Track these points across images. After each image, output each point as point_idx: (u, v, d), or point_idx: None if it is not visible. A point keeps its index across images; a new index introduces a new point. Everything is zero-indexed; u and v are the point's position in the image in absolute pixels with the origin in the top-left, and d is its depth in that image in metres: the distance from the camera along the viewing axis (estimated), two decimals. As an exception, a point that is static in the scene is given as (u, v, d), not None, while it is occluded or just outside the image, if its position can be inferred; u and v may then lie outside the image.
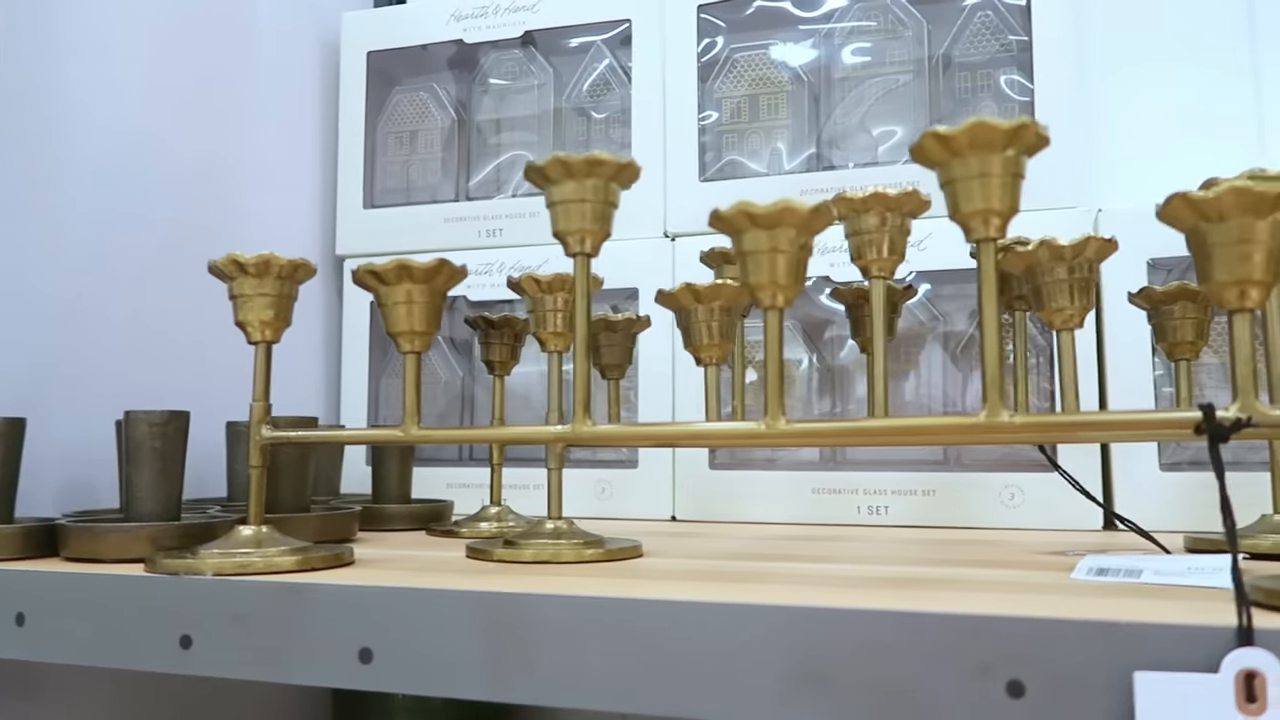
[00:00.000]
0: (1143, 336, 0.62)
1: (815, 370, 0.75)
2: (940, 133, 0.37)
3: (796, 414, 0.75)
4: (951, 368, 0.73)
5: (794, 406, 0.75)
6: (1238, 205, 0.34)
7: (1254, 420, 0.35)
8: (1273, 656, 0.29)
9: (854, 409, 0.74)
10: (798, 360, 0.75)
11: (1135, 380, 0.64)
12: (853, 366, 0.76)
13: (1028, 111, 0.69)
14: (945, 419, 0.40)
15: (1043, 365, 0.68)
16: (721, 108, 0.76)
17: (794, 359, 0.75)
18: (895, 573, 0.43)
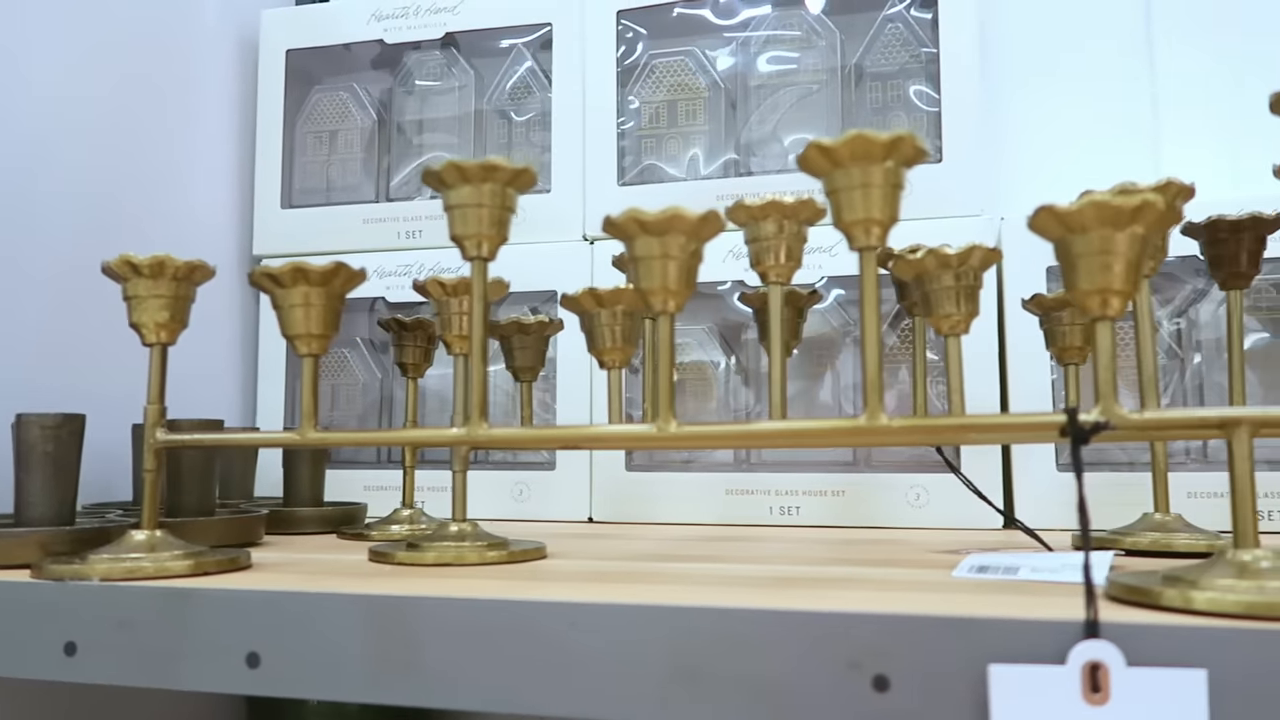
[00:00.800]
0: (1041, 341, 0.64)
1: (732, 372, 0.76)
2: (822, 144, 0.39)
3: (713, 416, 0.76)
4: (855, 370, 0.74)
5: (712, 409, 0.77)
6: (1098, 218, 0.36)
7: (1112, 424, 0.36)
8: (1115, 648, 0.30)
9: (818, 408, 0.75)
10: (715, 363, 0.76)
11: (1035, 383, 0.67)
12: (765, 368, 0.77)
13: (935, 122, 0.71)
14: (826, 422, 0.41)
15: (948, 369, 0.70)
16: (641, 113, 0.77)
17: (711, 361, 0.76)
18: (786, 572, 0.44)
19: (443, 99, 0.82)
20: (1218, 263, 0.53)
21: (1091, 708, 0.30)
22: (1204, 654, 0.30)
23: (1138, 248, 0.36)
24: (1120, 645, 0.31)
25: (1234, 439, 0.36)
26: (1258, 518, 0.36)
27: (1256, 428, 0.36)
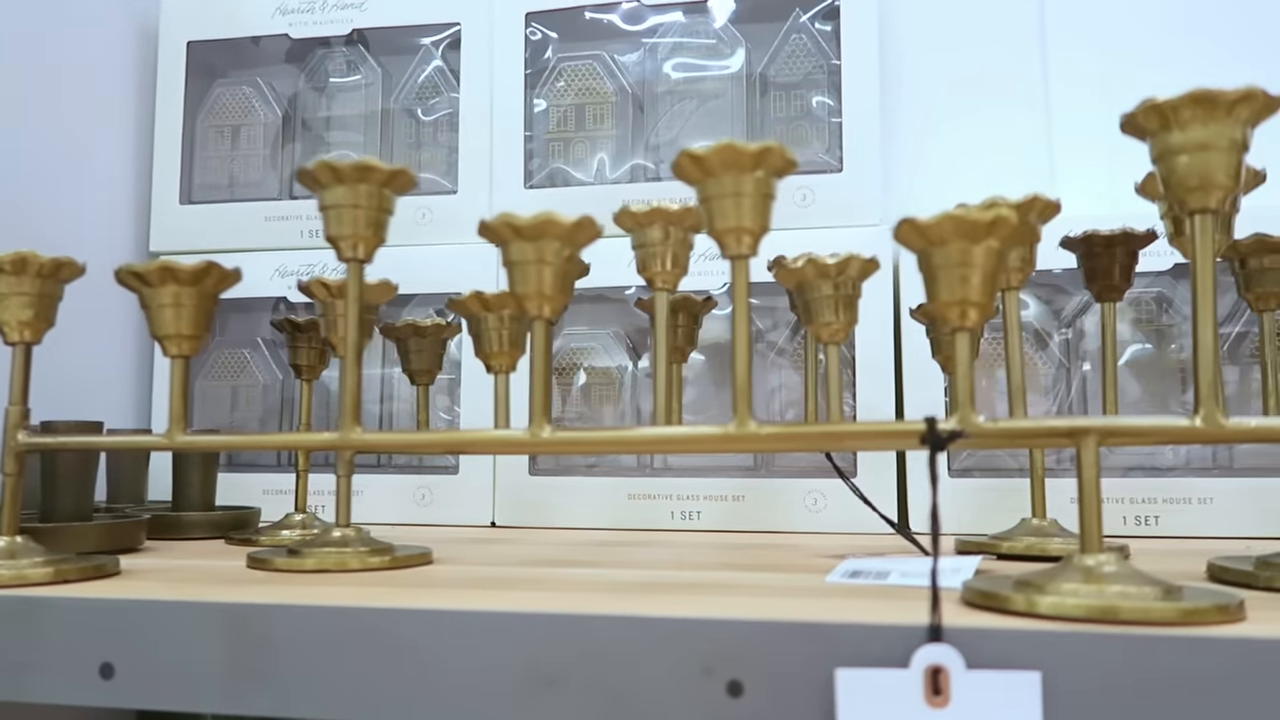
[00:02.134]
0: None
1: (639, 377, 0.76)
2: (693, 152, 0.39)
3: (619, 420, 0.76)
4: (771, 376, 0.75)
5: (619, 413, 0.77)
6: (955, 231, 0.36)
7: (967, 432, 0.37)
8: (956, 652, 0.31)
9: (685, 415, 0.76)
10: (621, 367, 0.76)
11: (930, 391, 0.68)
12: (686, 372, 0.77)
13: (837, 132, 0.72)
14: (696, 429, 0.41)
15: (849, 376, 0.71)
16: (549, 116, 0.77)
17: (617, 366, 0.76)
18: (661, 578, 0.44)
19: (350, 96, 0.81)
20: (1093, 275, 0.55)
21: (932, 710, 0.31)
22: (1038, 657, 0.31)
23: (994, 261, 0.37)
24: (961, 649, 0.31)
25: (1082, 447, 0.37)
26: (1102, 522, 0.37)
27: (1103, 437, 0.37)
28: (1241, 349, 0.68)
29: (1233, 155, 0.36)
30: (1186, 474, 0.65)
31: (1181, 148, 0.36)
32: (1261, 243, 0.51)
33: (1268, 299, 0.52)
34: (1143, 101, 0.37)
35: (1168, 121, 0.36)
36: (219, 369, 0.80)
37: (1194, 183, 0.36)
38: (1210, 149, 0.36)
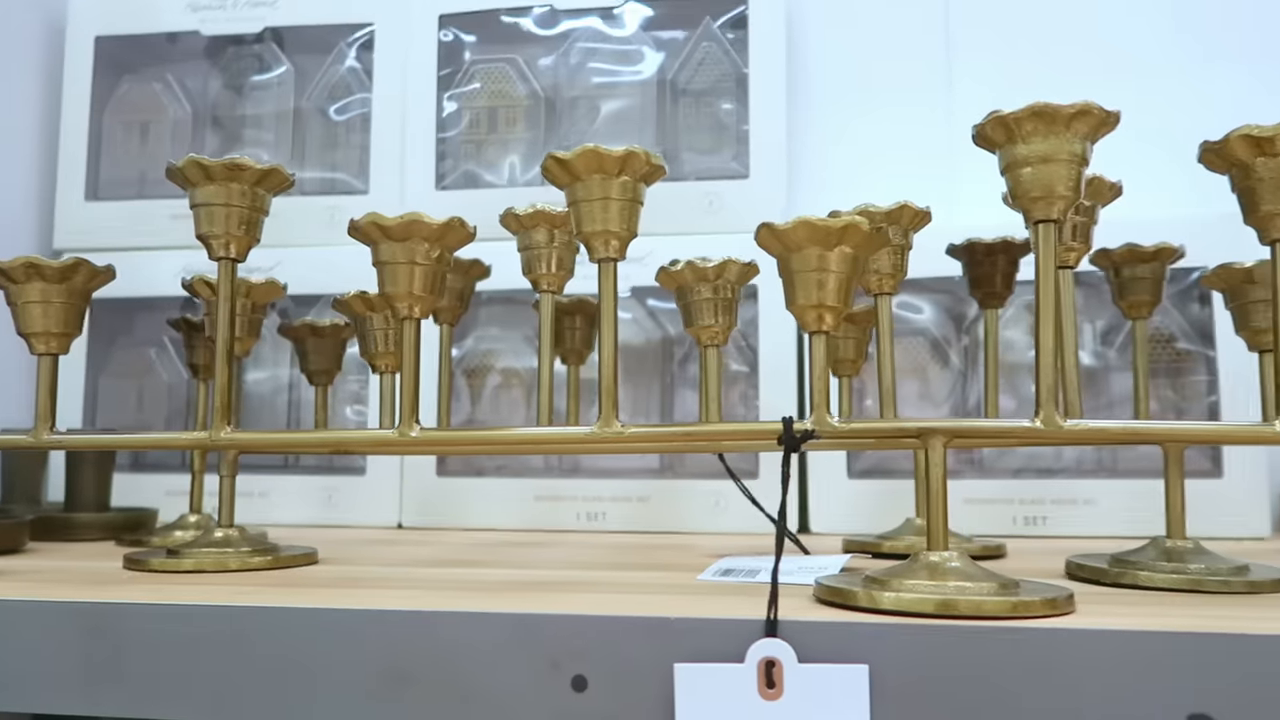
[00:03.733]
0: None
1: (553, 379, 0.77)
2: (559, 156, 0.39)
3: (530, 421, 0.76)
4: (677, 376, 0.76)
5: (530, 415, 0.77)
6: (809, 237, 0.37)
7: (818, 432, 0.38)
8: (789, 646, 0.32)
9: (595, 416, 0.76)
10: (532, 369, 0.77)
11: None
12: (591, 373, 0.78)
13: (745, 139, 0.73)
14: (562, 430, 0.42)
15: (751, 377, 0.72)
16: (461, 118, 0.77)
17: (526, 368, 0.76)
18: (533, 577, 0.45)
19: (262, 95, 0.81)
20: (977, 282, 0.57)
21: (766, 702, 0.32)
22: (866, 650, 0.32)
23: (849, 266, 0.38)
24: (796, 643, 0.32)
25: (929, 448, 0.38)
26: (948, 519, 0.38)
27: (950, 437, 0.38)
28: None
29: (1072, 168, 0.37)
30: (1074, 475, 0.67)
31: (1025, 160, 0.38)
32: (1133, 252, 0.53)
33: (1139, 307, 0.54)
34: (989, 114, 0.38)
35: (1012, 134, 0.38)
36: (123, 368, 0.79)
37: (1037, 193, 0.38)
38: (1052, 161, 0.37)
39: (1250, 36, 0.79)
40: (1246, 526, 0.63)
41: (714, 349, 0.48)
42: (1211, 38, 0.79)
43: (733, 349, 0.74)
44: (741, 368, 0.74)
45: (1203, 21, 0.80)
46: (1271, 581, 0.41)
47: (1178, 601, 0.38)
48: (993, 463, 0.69)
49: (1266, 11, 0.80)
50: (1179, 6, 0.80)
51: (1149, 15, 0.80)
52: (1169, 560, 0.43)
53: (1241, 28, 0.79)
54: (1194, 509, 0.64)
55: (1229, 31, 0.79)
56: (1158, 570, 0.42)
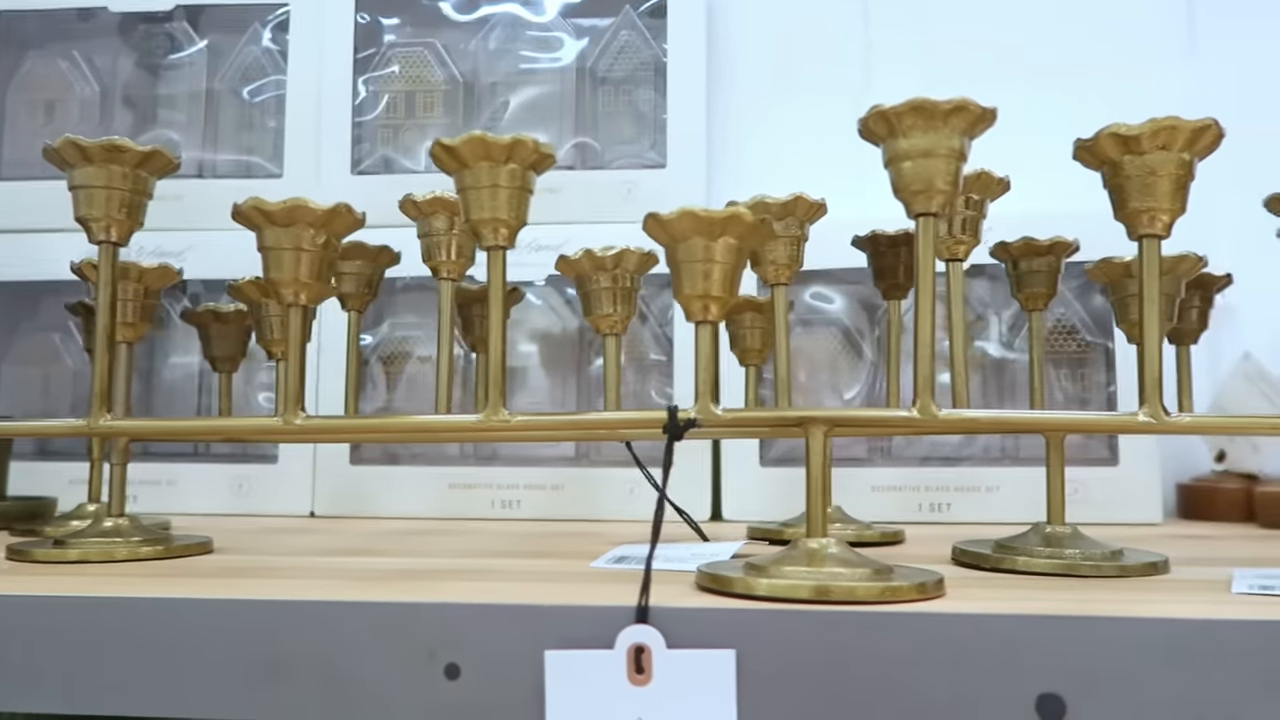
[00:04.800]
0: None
1: (472, 366, 0.76)
2: (445, 143, 0.39)
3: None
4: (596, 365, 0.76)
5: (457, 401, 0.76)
6: (694, 227, 0.38)
7: (700, 421, 0.38)
8: (658, 632, 0.32)
9: (522, 403, 0.76)
10: (458, 355, 0.76)
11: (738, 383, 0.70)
12: (524, 363, 0.78)
13: (663, 128, 0.73)
14: (450, 418, 0.42)
15: (665, 365, 0.73)
16: (378, 102, 0.76)
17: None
18: (426, 565, 0.45)
19: (174, 75, 0.79)
20: (880, 274, 0.58)
21: (635, 688, 0.32)
22: (734, 635, 0.33)
23: (734, 256, 0.38)
24: (666, 630, 0.33)
25: (810, 436, 0.38)
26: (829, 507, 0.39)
27: (830, 426, 0.39)
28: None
29: (951, 163, 0.38)
30: (979, 464, 0.68)
31: (906, 154, 0.38)
32: (1029, 246, 0.54)
33: (1036, 299, 0.55)
34: (872, 108, 0.39)
35: (893, 129, 0.38)
36: (28, 354, 0.77)
37: (918, 187, 0.38)
38: (932, 156, 0.38)
39: (1158, 34, 0.82)
40: (1140, 512, 0.65)
41: (614, 338, 0.49)
42: (1126, 36, 0.81)
43: (650, 339, 0.74)
44: (659, 357, 0.75)
45: (1119, 18, 0.82)
46: (1142, 565, 0.43)
47: (1048, 585, 0.40)
48: (901, 451, 0.70)
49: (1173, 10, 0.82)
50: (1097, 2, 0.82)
51: (1069, 8, 0.82)
52: (1048, 545, 0.45)
53: (1150, 26, 0.82)
54: (1092, 496, 0.67)
55: (1142, 29, 0.81)
56: (1036, 555, 0.44)
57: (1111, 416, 0.39)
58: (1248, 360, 0.67)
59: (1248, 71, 0.81)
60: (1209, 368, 0.74)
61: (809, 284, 0.72)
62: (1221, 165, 0.77)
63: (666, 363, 0.73)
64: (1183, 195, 0.38)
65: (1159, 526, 0.64)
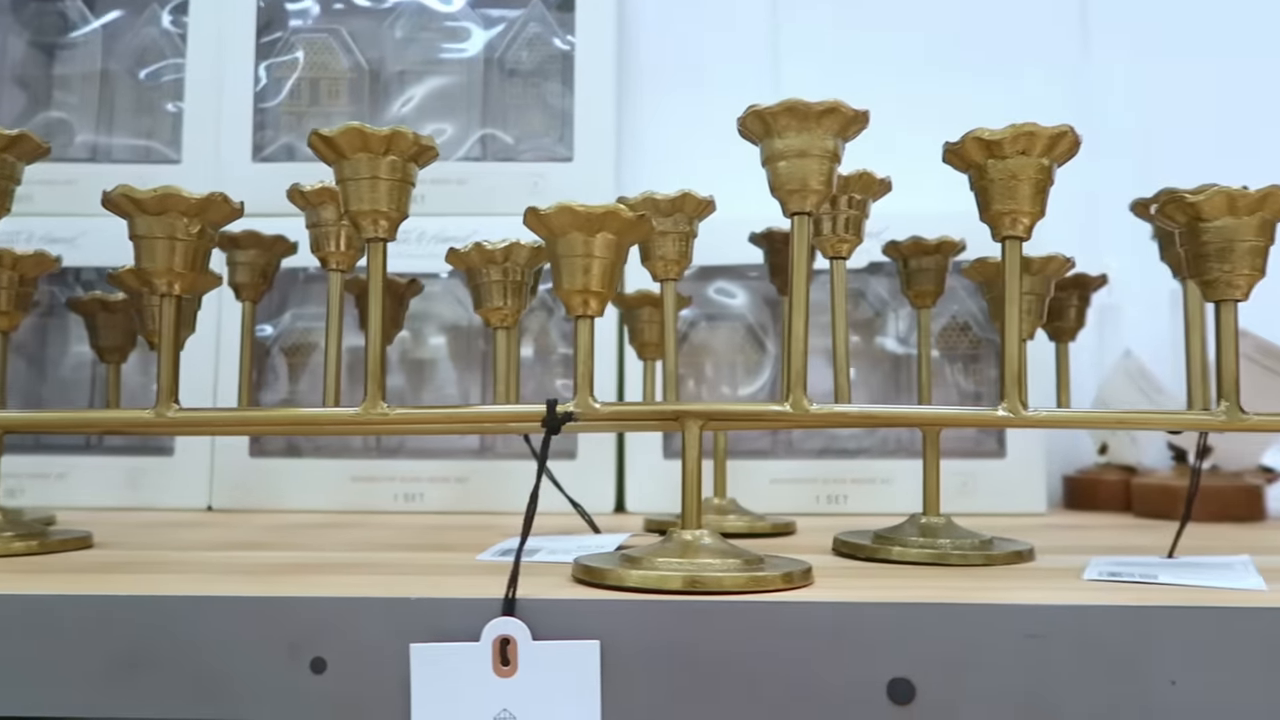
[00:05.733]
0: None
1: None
2: (323, 134, 0.39)
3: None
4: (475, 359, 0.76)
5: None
6: (572, 223, 0.38)
7: (578, 415, 0.39)
8: (523, 624, 0.33)
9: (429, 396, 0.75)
10: (356, 349, 0.75)
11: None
12: (433, 355, 0.77)
13: (571, 121, 0.73)
14: (328, 411, 0.41)
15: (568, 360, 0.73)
16: (281, 88, 0.75)
17: (349, 347, 0.75)
18: (306, 559, 0.44)
19: (69, 55, 0.76)
20: (776, 270, 0.59)
21: (501, 680, 0.33)
22: (599, 626, 0.33)
23: (613, 252, 0.39)
24: (531, 621, 0.33)
25: (686, 430, 0.39)
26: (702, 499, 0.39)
27: (705, 419, 0.39)
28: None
29: (825, 163, 0.39)
30: (875, 456, 0.70)
31: (782, 154, 0.39)
32: (918, 245, 0.56)
33: (925, 296, 0.56)
34: (748, 108, 0.39)
35: (769, 129, 0.39)
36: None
37: (793, 186, 0.39)
38: (806, 156, 0.39)
39: (1053, 37, 0.84)
40: (1025, 503, 0.68)
41: (504, 331, 0.49)
42: (1023, 38, 0.84)
43: (556, 334, 0.74)
44: (568, 350, 0.75)
45: (1017, 21, 0.84)
46: (1008, 554, 0.44)
47: (916, 574, 0.41)
48: (800, 444, 0.72)
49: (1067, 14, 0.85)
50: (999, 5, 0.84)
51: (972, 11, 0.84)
52: (923, 536, 0.46)
53: (1046, 29, 0.84)
54: (980, 487, 0.69)
55: (1038, 32, 0.84)
56: (910, 545, 0.45)
57: (973, 411, 0.41)
58: (1128, 358, 0.70)
59: (1137, 76, 0.84)
60: (1097, 364, 0.77)
61: (712, 279, 0.73)
62: (1111, 167, 0.81)
63: (568, 355, 0.73)
64: (1042, 199, 0.39)
65: (1042, 516, 0.67)
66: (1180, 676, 0.32)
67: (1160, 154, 0.82)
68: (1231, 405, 0.38)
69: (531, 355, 0.76)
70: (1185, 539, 0.45)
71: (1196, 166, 0.78)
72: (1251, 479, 0.65)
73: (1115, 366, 0.71)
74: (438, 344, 0.77)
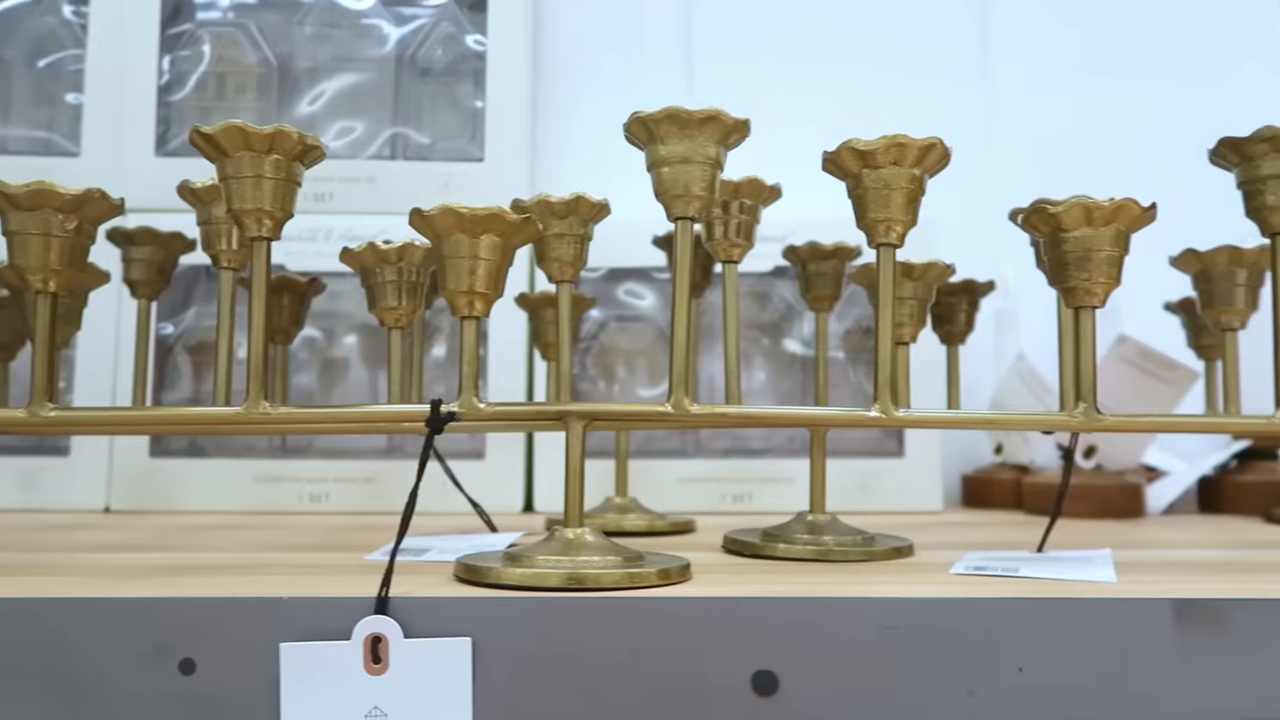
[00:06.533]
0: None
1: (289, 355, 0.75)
2: (204, 131, 0.39)
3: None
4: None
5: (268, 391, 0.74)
6: (457, 224, 0.38)
7: (460, 415, 0.39)
8: (395, 622, 0.33)
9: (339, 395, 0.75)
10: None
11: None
12: (345, 354, 0.77)
13: (482, 120, 0.73)
14: (207, 410, 0.41)
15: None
16: (187, 82, 0.73)
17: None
18: (189, 560, 0.44)
19: (-39, 42, 0.74)
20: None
21: (372, 678, 0.33)
22: (471, 623, 0.33)
23: (498, 254, 0.39)
24: (402, 619, 0.33)
25: (569, 430, 0.40)
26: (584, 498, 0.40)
27: (589, 420, 0.40)
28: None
29: (707, 169, 0.40)
30: (780, 455, 0.72)
31: (665, 160, 0.40)
32: (815, 250, 0.57)
33: (822, 300, 0.58)
34: (632, 114, 0.40)
35: (653, 135, 0.40)
36: None
37: (676, 192, 0.40)
38: (689, 162, 0.40)
39: (953, 50, 0.87)
40: (923, 501, 0.70)
41: (399, 331, 0.49)
42: (924, 51, 0.86)
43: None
44: (483, 351, 0.75)
45: (919, 34, 0.86)
46: (887, 550, 0.46)
47: (795, 570, 0.42)
48: (709, 444, 0.73)
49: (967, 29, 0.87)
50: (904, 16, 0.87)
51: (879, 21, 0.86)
52: (809, 533, 0.47)
53: (947, 41, 0.87)
54: (880, 485, 0.71)
55: (939, 45, 0.87)
56: (795, 542, 0.46)
57: (847, 411, 0.42)
58: (1021, 361, 0.72)
59: (1035, 89, 0.87)
60: (997, 367, 0.80)
61: (622, 281, 0.74)
62: (1010, 176, 0.83)
63: (481, 356, 0.73)
64: (914, 208, 0.41)
65: (938, 514, 0.69)
66: (1027, 664, 0.34)
67: (1059, 164, 0.86)
68: (1089, 407, 0.40)
69: (444, 355, 0.76)
70: (1069, 534, 0.47)
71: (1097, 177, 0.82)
72: (1133, 477, 0.68)
73: (1009, 369, 0.73)
74: (350, 343, 0.77)
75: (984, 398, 0.80)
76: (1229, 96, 0.86)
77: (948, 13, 0.88)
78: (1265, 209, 0.41)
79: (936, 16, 0.87)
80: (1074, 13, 0.88)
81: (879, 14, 0.87)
